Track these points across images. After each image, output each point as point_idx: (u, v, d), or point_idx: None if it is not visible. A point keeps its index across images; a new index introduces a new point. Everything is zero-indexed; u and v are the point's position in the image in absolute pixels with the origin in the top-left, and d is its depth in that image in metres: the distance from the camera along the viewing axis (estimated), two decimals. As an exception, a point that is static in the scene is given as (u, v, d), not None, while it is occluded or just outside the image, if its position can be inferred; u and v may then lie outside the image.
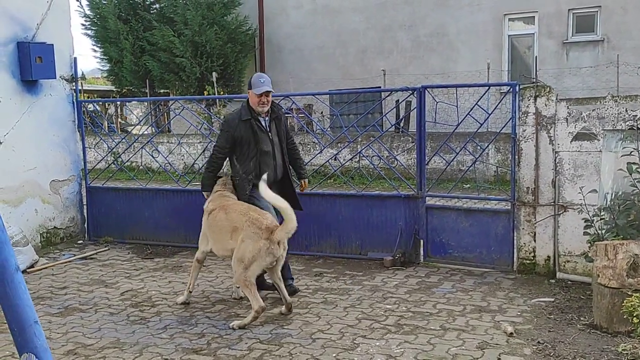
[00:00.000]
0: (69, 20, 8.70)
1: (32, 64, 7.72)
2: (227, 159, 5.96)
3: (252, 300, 5.21)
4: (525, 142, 6.37)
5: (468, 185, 11.67)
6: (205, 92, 16.39)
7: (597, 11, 15.41)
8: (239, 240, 5.29)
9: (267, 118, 5.78)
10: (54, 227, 8.38)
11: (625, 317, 4.42)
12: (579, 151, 6.14)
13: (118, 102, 21.04)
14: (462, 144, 8.24)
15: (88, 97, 20.74)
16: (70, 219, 8.61)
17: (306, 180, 6.36)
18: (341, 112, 8.72)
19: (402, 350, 4.64)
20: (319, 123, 14.42)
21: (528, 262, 6.50)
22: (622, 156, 5.57)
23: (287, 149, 5.99)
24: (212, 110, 14.72)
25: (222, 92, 16.71)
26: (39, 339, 2.39)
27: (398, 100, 12.91)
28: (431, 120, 7.28)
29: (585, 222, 5.77)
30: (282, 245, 5.29)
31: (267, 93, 5.66)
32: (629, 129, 5.75)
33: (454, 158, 7.79)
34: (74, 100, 8.64)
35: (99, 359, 4.60)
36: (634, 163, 5.37)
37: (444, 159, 8.16)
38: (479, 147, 9.43)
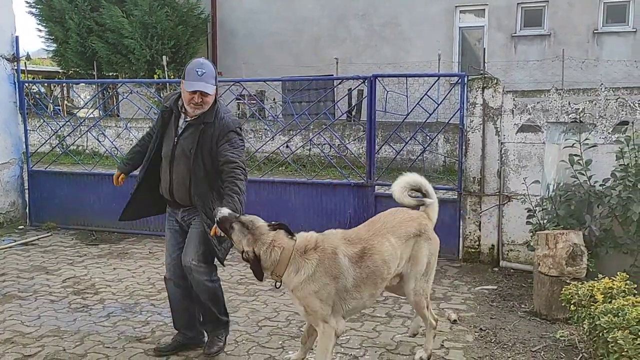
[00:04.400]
0: (11, -3, 8.36)
1: (-30, 41, 7.39)
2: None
3: (430, 317, 4.33)
4: (472, 132, 6.48)
5: (417, 175, 11.81)
6: (156, 76, 16.05)
7: (545, 6, 15.79)
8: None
9: (189, 119, 4.10)
10: (-7, 211, 8.09)
11: (563, 304, 4.55)
12: (523, 142, 6.28)
13: (64, 84, 20.38)
14: (412, 133, 8.33)
15: (33, 78, 20.03)
16: (10, 204, 8.32)
17: (215, 226, 3.77)
18: (293, 99, 8.70)
19: (348, 337, 4.67)
20: (271, 110, 14.33)
21: (473, 250, 6.63)
22: (564, 148, 5.73)
23: (222, 176, 4.00)
24: (162, 95, 14.43)
25: (172, 76, 16.38)
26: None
27: (350, 88, 12.92)
28: (382, 109, 7.32)
29: (528, 212, 5.92)
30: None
31: (201, 93, 3.97)
32: (572, 121, 5.92)
33: (403, 147, 7.86)
34: (16, 81, 8.33)
35: (37, 347, 4.47)
36: (575, 155, 5.53)
37: (393, 148, 8.23)
38: (428, 137, 9.55)
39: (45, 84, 18.73)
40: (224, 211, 3.69)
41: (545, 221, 5.71)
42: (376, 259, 3.78)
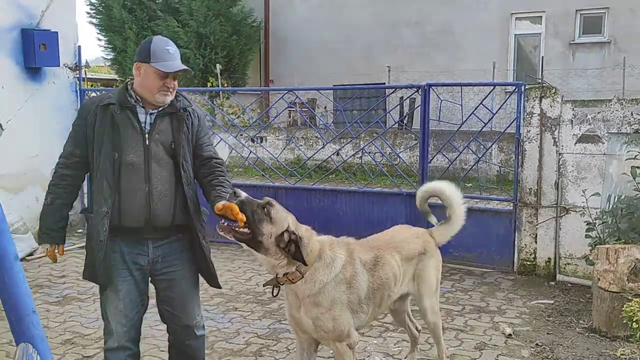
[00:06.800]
0: (74, 8, 8.70)
1: (36, 51, 7.69)
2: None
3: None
4: (529, 142, 6.34)
5: (470, 185, 11.63)
6: (209, 84, 16.35)
7: (605, 12, 15.35)
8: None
9: (155, 111, 3.27)
10: (54, 215, 8.36)
11: (624, 321, 4.40)
12: (583, 153, 6.12)
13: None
14: (465, 142, 8.22)
15: (91, 86, 20.67)
16: (70, 208, 8.58)
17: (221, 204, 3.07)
18: (345, 107, 8.71)
19: (399, 349, 4.62)
20: (322, 118, 14.38)
21: (528, 263, 6.48)
22: (626, 160, 5.55)
23: (199, 174, 3.38)
24: (215, 102, 14.69)
25: (225, 84, 16.67)
26: (36, 329, 2.36)
27: (402, 97, 12.85)
28: (435, 118, 7.25)
29: (587, 225, 5.75)
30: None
31: (177, 73, 3.24)
32: (634, 132, 5.72)
33: (457, 157, 7.77)
34: (77, 89, 8.63)
35: (96, 349, 4.59)
36: (638, 167, 5.35)
37: (446, 157, 8.13)
38: (482, 147, 9.39)
39: (103, 91, 19.34)
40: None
41: (605, 235, 5.54)
42: (387, 271, 3.55)
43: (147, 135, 3.22)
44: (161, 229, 3.25)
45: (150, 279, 3.35)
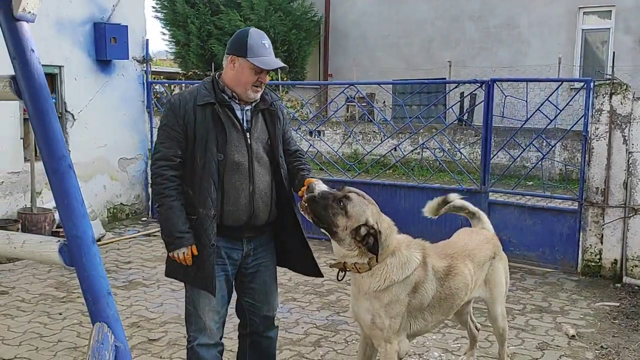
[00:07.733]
0: (143, 3, 8.96)
1: (107, 44, 7.97)
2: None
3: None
4: (597, 140, 6.16)
5: (531, 183, 11.39)
6: (269, 78, 16.51)
7: (679, 7, 14.68)
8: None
9: (248, 107, 3.22)
10: (120, 203, 8.67)
11: (697, 327, 4.24)
12: (654, 153, 5.90)
13: (183, 85, 21.44)
14: (528, 139, 8.04)
15: (154, 79, 21.24)
16: (135, 197, 8.88)
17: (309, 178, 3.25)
18: (405, 102, 8.65)
19: (458, 345, 4.59)
20: (381, 112, 14.34)
21: (593, 264, 6.30)
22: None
23: (286, 165, 3.36)
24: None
25: (285, 78, 16.81)
26: (111, 310, 2.47)
27: (463, 92, 12.67)
28: (498, 114, 7.12)
29: (657, 226, 5.55)
30: None
31: (274, 70, 3.28)
32: None
33: (520, 154, 7.62)
34: (144, 81, 8.89)
35: (161, 332, 4.75)
36: None
37: (509, 153, 7.99)
38: (545, 144, 9.17)
39: (166, 84, 19.83)
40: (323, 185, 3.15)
41: (677, 237, 5.33)
42: (458, 281, 3.48)
43: (248, 134, 3.16)
44: (259, 226, 3.24)
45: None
